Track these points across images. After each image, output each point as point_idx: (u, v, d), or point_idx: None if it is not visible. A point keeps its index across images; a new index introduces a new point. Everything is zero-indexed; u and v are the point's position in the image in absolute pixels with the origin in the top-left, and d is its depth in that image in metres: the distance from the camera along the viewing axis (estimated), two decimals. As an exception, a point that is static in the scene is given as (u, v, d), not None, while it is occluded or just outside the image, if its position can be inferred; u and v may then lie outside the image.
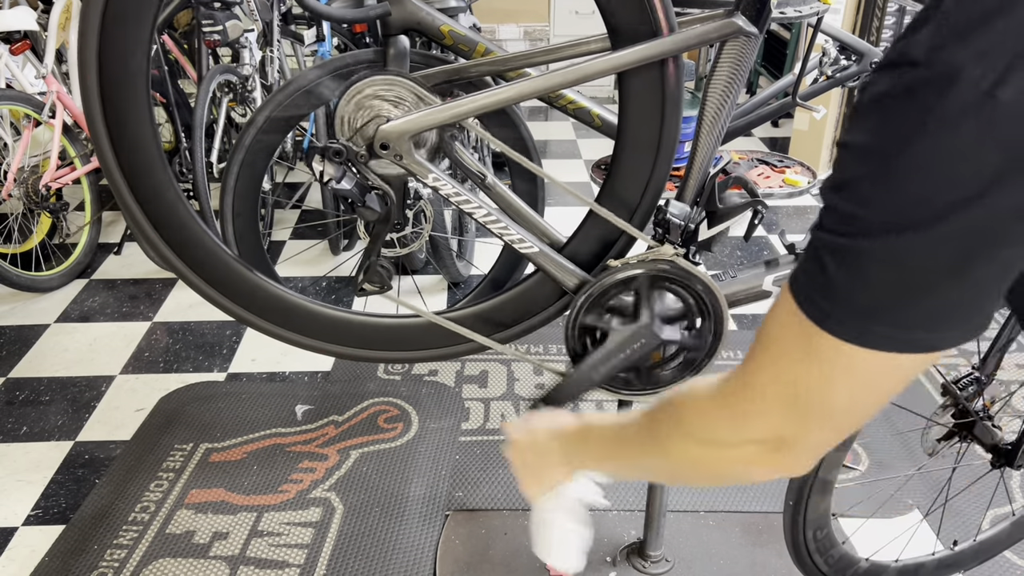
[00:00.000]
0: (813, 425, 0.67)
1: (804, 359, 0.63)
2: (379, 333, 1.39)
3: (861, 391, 0.63)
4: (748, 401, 0.69)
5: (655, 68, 1.15)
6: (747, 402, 0.70)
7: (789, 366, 0.65)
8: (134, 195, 1.23)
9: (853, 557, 1.62)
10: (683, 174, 1.27)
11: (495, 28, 4.99)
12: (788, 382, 0.66)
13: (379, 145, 1.16)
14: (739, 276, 1.33)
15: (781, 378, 0.66)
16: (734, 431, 0.71)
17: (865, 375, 0.61)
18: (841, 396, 0.64)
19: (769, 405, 0.67)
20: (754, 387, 0.69)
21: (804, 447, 0.69)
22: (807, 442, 0.68)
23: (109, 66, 1.12)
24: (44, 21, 2.97)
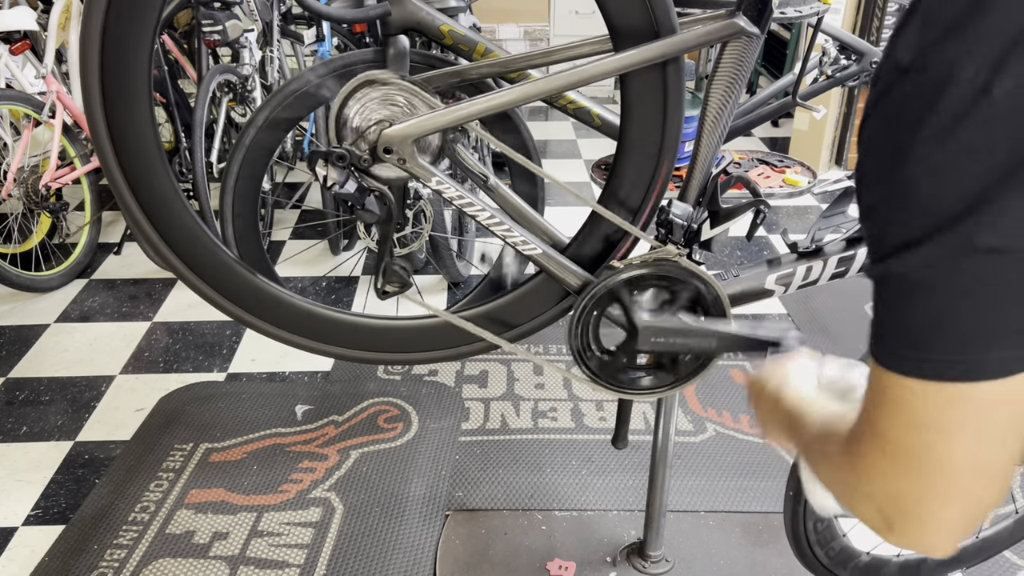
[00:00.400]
0: (916, 488, 0.58)
1: (881, 402, 0.58)
2: (380, 334, 1.39)
3: (945, 437, 0.55)
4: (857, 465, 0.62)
5: (657, 69, 1.15)
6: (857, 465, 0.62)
7: (873, 411, 0.59)
8: (134, 195, 1.23)
9: (854, 550, 1.61)
10: (685, 174, 1.27)
11: (495, 28, 4.99)
12: (877, 433, 0.59)
13: (382, 149, 1.15)
14: (741, 276, 1.33)
15: (872, 429, 0.60)
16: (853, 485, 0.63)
17: (938, 415, 0.55)
18: (930, 445, 0.56)
19: (875, 469, 0.60)
20: (861, 450, 0.62)
21: (922, 520, 0.59)
22: (923, 514, 0.58)
23: (110, 66, 1.12)
24: (44, 21, 2.97)
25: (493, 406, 2.36)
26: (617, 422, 1.49)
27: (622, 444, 1.50)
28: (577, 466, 2.13)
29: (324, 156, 1.14)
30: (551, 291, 1.34)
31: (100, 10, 1.08)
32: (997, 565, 1.81)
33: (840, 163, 3.95)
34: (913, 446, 0.56)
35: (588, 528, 1.93)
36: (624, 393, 1.33)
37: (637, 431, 2.25)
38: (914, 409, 0.55)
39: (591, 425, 2.28)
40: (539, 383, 2.45)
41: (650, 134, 1.19)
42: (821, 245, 1.32)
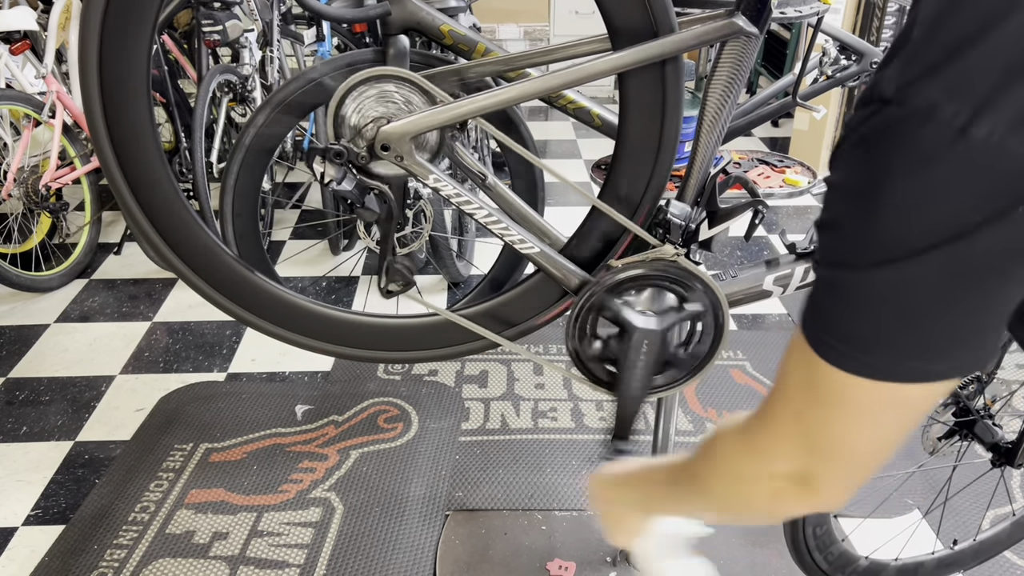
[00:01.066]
0: (831, 460, 0.67)
1: (811, 392, 0.65)
2: (380, 333, 1.39)
3: (869, 424, 0.64)
4: (767, 436, 0.71)
5: (655, 68, 1.15)
6: (766, 437, 0.71)
7: (799, 400, 0.67)
8: (134, 195, 1.23)
9: (852, 555, 1.62)
10: (684, 174, 1.27)
11: (495, 28, 4.99)
12: (799, 416, 0.67)
13: (380, 146, 1.15)
14: (740, 276, 1.33)
15: (793, 412, 0.68)
16: (757, 466, 0.72)
17: (870, 407, 0.62)
18: (850, 429, 0.64)
19: (785, 439, 0.69)
20: (770, 421, 0.71)
21: (829, 483, 0.69)
22: (830, 478, 0.69)
23: (109, 66, 1.12)
24: (44, 21, 2.97)
25: (493, 406, 2.36)
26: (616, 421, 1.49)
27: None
28: (577, 466, 2.13)
29: (322, 153, 1.14)
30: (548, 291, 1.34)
31: (98, 10, 1.08)
32: (997, 565, 1.81)
33: (840, 163, 3.94)
34: (836, 430, 0.64)
35: (588, 528, 1.93)
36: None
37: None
38: (844, 398, 0.62)
39: (591, 425, 2.28)
40: (539, 383, 2.45)
41: (649, 133, 1.19)
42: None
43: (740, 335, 2.70)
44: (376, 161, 1.18)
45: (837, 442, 0.65)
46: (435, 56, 1.56)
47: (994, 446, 1.50)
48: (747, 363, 2.52)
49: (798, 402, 0.67)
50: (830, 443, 0.66)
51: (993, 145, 0.48)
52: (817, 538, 1.54)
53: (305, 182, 3.95)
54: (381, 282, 1.29)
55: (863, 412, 0.62)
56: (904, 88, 0.52)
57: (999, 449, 1.50)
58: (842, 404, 0.63)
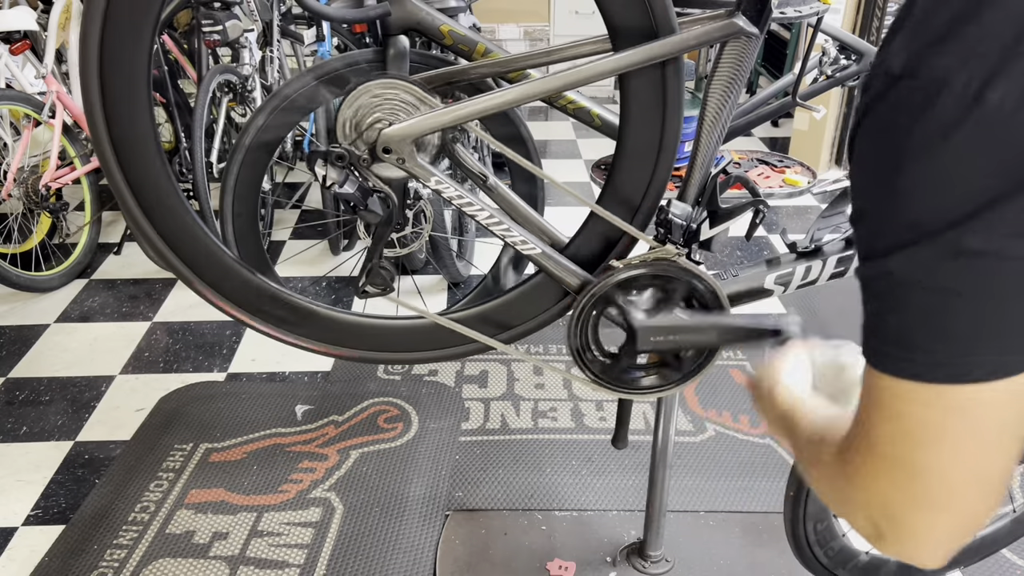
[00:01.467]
0: (907, 497, 0.56)
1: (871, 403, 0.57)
2: (381, 334, 1.39)
3: (936, 442, 0.54)
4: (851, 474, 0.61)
5: (656, 69, 1.15)
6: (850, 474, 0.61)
7: (864, 413, 0.59)
8: (133, 195, 1.23)
9: (853, 550, 1.62)
10: (684, 174, 1.27)
11: (495, 28, 4.99)
12: (876, 449, 0.58)
13: (381, 149, 1.15)
14: (741, 275, 1.33)
15: (863, 430, 0.59)
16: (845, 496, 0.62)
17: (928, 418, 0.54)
18: (934, 453, 0.54)
19: (866, 476, 0.59)
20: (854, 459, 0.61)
21: (915, 530, 0.57)
22: (916, 524, 0.57)
23: (110, 66, 1.12)
24: (44, 21, 2.97)
25: (493, 406, 2.36)
26: (617, 422, 1.49)
27: (622, 444, 1.50)
28: (577, 466, 2.13)
29: (323, 156, 1.14)
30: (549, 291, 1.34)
31: (99, 10, 1.08)
32: (997, 565, 1.81)
33: (840, 163, 3.95)
34: (901, 451, 0.55)
35: (588, 528, 1.93)
36: (624, 393, 1.33)
37: (637, 431, 2.25)
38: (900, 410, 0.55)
39: (591, 425, 2.28)
40: (539, 383, 2.45)
41: (649, 134, 1.19)
42: (820, 245, 1.32)
43: (740, 335, 2.70)
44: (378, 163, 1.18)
45: (914, 466, 0.55)
46: (435, 56, 1.56)
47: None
48: (747, 363, 2.52)
49: (865, 418, 0.58)
50: (906, 468, 0.55)
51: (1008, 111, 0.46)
52: (818, 534, 1.54)
53: (305, 182, 3.95)
54: (360, 281, 1.29)
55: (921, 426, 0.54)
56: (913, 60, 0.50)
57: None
58: (904, 418, 0.55)
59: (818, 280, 1.33)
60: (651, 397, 1.36)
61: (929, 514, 0.56)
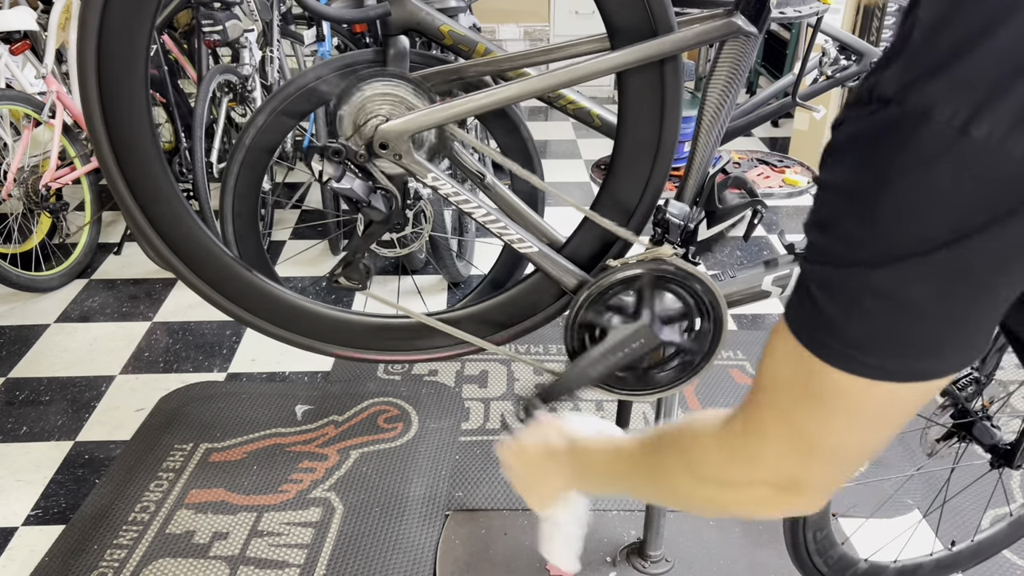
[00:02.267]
0: (820, 463, 0.66)
1: (804, 394, 0.63)
2: (380, 333, 1.39)
3: (864, 424, 0.63)
4: (753, 442, 0.69)
5: (654, 68, 1.15)
6: (752, 443, 0.69)
7: (790, 403, 0.65)
8: (133, 195, 1.23)
9: (852, 558, 1.62)
10: (682, 174, 1.27)
11: (495, 28, 5.00)
12: (790, 420, 0.65)
13: (378, 144, 1.15)
14: (738, 276, 1.33)
15: (783, 417, 0.66)
16: (741, 472, 0.70)
17: (866, 406, 0.61)
18: (844, 430, 0.63)
19: (774, 446, 0.67)
20: (758, 428, 0.68)
21: (814, 486, 0.68)
22: (817, 481, 0.68)
23: (109, 66, 1.12)
24: (44, 21, 2.97)
25: (493, 406, 2.36)
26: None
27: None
28: (576, 466, 2.13)
29: (320, 151, 1.14)
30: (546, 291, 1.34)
31: (96, 10, 1.08)
32: (997, 565, 1.81)
33: (840, 163, 3.94)
34: (824, 427, 0.63)
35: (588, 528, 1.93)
36: (623, 394, 1.33)
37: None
38: (830, 395, 0.61)
39: (591, 425, 2.28)
40: (539, 383, 2.45)
41: (647, 133, 1.19)
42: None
43: (740, 335, 2.70)
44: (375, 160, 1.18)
45: (830, 444, 0.64)
46: (435, 56, 1.56)
47: (992, 447, 1.50)
48: (747, 363, 2.52)
49: (786, 402, 0.65)
50: (827, 447, 0.64)
51: (992, 146, 0.48)
52: (817, 542, 1.54)
53: (305, 182, 3.95)
54: (337, 269, 1.29)
55: (858, 412, 0.61)
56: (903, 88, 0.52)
57: (997, 450, 1.50)
58: (836, 404, 0.61)
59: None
60: (651, 398, 1.36)
61: (831, 473, 0.67)
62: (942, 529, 1.84)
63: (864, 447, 0.65)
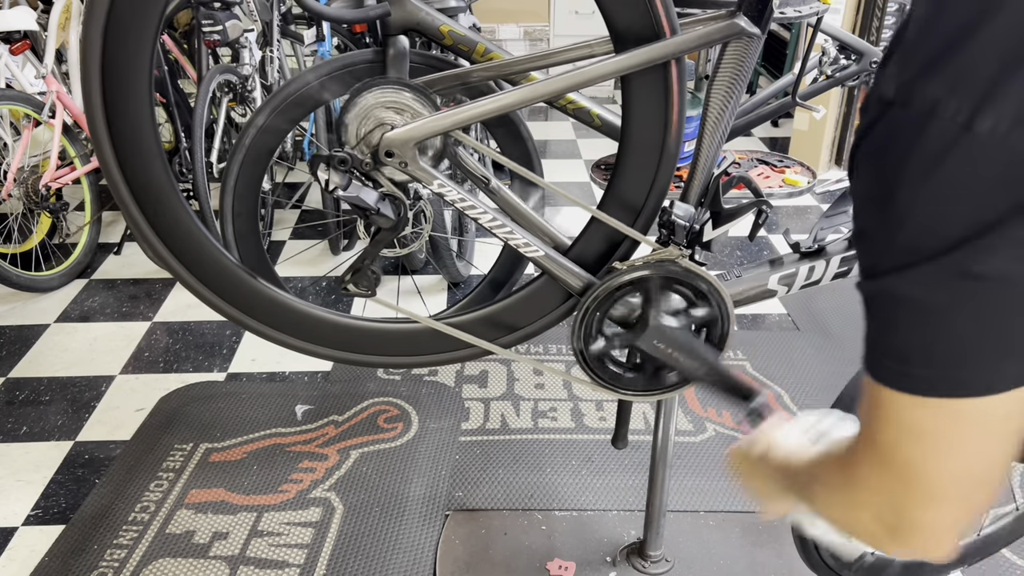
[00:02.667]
0: (919, 499, 0.61)
1: (873, 419, 0.61)
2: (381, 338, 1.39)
3: (945, 450, 0.58)
4: (856, 475, 0.65)
5: (658, 70, 1.15)
6: (856, 476, 0.65)
7: (868, 423, 0.62)
8: (133, 195, 1.23)
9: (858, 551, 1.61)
10: (687, 175, 1.27)
11: (495, 28, 4.99)
12: (877, 453, 0.62)
13: (384, 153, 1.15)
14: (744, 276, 1.33)
15: (873, 450, 0.62)
16: (851, 501, 0.67)
17: (936, 429, 0.57)
18: (925, 458, 0.58)
19: (871, 479, 0.63)
20: (857, 462, 0.65)
21: (920, 526, 0.62)
22: (921, 520, 0.61)
23: (111, 66, 1.12)
24: (44, 21, 2.96)
25: (493, 406, 2.36)
26: (617, 422, 1.49)
27: (622, 444, 1.50)
28: (577, 466, 2.13)
29: (326, 160, 1.14)
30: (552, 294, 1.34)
31: (102, 10, 1.08)
32: (997, 565, 1.81)
33: (840, 163, 3.95)
34: (905, 455, 0.59)
35: (588, 528, 1.93)
36: (625, 394, 1.33)
37: (637, 431, 2.25)
38: (902, 420, 0.58)
39: (591, 425, 2.28)
40: (539, 383, 2.45)
41: (651, 135, 1.19)
42: (823, 245, 1.32)
43: (740, 335, 2.70)
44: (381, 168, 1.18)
45: (921, 475, 0.59)
46: (435, 57, 1.56)
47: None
48: (747, 363, 2.52)
49: (867, 431, 0.62)
50: (914, 476, 0.59)
51: (998, 139, 0.47)
52: (823, 536, 1.53)
53: (305, 182, 3.95)
54: (346, 276, 1.28)
55: (934, 436, 0.57)
56: (904, 87, 0.51)
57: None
58: (907, 429, 0.58)
59: (821, 280, 1.33)
60: (652, 398, 1.36)
61: (933, 510, 0.60)
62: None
63: (965, 478, 0.59)
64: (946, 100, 0.48)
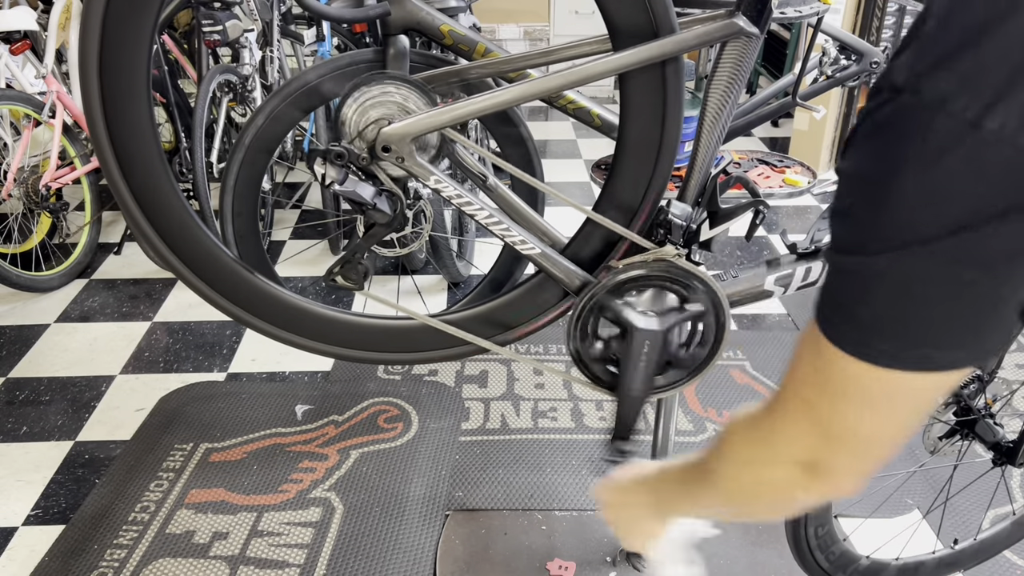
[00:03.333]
0: (840, 448, 0.67)
1: (821, 378, 0.65)
2: (380, 334, 1.39)
3: (876, 413, 0.64)
4: (777, 423, 0.71)
5: (656, 69, 1.15)
6: (776, 424, 0.71)
7: (809, 387, 0.67)
8: (133, 195, 1.23)
9: (853, 554, 1.62)
10: (684, 174, 1.27)
11: (495, 28, 4.99)
12: (809, 403, 0.67)
13: (381, 148, 1.15)
14: (740, 276, 1.33)
15: (802, 399, 0.68)
16: (767, 452, 0.73)
17: (879, 395, 0.62)
18: (859, 417, 0.64)
19: (795, 426, 0.69)
20: (781, 409, 0.71)
21: (838, 471, 0.69)
22: (840, 465, 0.69)
23: (110, 66, 1.12)
24: (44, 21, 2.97)
25: (493, 406, 2.36)
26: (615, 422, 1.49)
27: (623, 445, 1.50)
28: (577, 466, 2.13)
29: (323, 154, 1.14)
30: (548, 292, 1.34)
31: (99, 10, 1.08)
32: (997, 565, 1.81)
33: (840, 163, 3.95)
34: (839, 413, 0.65)
35: (588, 528, 1.93)
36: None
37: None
38: (846, 382, 0.63)
39: (591, 425, 2.28)
40: (539, 383, 2.45)
41: (649, 134, 1.19)
42: (820, 246, 1.32)
43: (740, 335, 2.70)
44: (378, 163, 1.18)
45: (847, 430, 0.65)
46: (435, 56, 1.56)
47: (995, 445, 1.50)
48: (747, 363, 2.52)
49: (808, 389, 0.67)
50: (840, 431, 0.66)
51: (1005, 139, 0.48)
52: (819, 538, 1.54)
53: (305, 182, 3.95)
54: (335, 268, 1.29)
55: (872, 400, 0.62)
56: (916, 78, 0.52)
57: (1000, 448, 1.50)
58: (851, 391, 0.63)
59: (818, 281, 1.33)
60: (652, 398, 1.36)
61: (850, 460, 0.68)
62: (944, 527, 1.84)
63: (885, 435, 0.66)
64: (957, 96, 0.49)
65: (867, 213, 0.57)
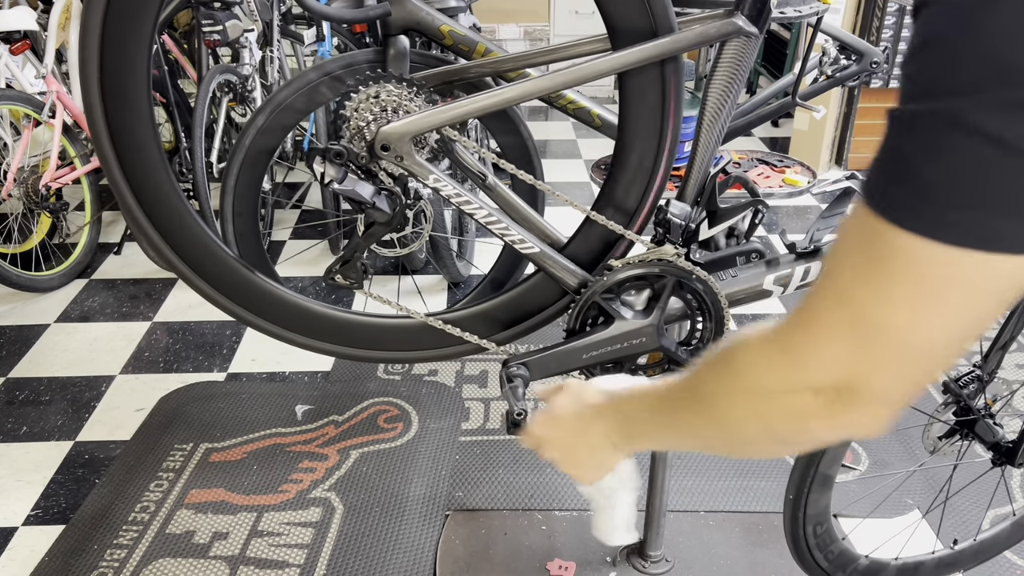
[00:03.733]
0: (883, 359, 0.54)
1: (867, 267, 0.52)
2: (380, 333, 1.39)
3: (939, 308, 0.51)
4: (805, 333, 0.57)
5: (655, 68, 1.15)
6: (803, 334, 0.57)
7: (850, 280, 0.54)
8: (134, 195, 1.23)
9: (852, 554, 1.62)
10: (683, 174, 1.27)
11: (495, 28, 4.99)
12: (848, 300, 0.53)
13: (380, 146, 1.15)
14: (740, 275, 1.33)
15: (841, 297, 0.54)
16: (787, 373, 0.58)
17: (942, 282, 0.50)
18: (912, 315, 0.51)
19: (827, 334, 0.55)
20: (809, 316, 0.57)
21: (874, 395, 0.55)
22: (877, 387, 0.55)
23: (110, 66, 1.12)
24: (44, 21, 2.97)
25: (493, 406, 2.36)
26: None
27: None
28: (577, 466, 2.13)
29: (322, 153, 1.14)
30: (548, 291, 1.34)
31: (99, 10, 1.08)
32: (997, 565, 1.81)
33: (840, 163, 3.95)
34: (885, 312, 0.52)
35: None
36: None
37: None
38: (901, 266, 0.51)
39: (591, 425, 2.27)
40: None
41: (648, 133, 1.19)
42: (820, 245, 1.32)
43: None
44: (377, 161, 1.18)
45: (898, 332, 0.52)
46: (435, 56, 1.56)
47: (995, 445, 1.50)
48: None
49: (845, 285, 0.54)
50: (889, 335, 0.52)
51: None
52: (818, 537, 1.54)
53: (305, 182, 3.95)
54: (334, 267, 1.28)
55: (930, 287, 0.50)
56: None
57: (1000, 448, 1.50)
58: (904, 276, 0.50)
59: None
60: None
61: (893, 373, 0.54)
62: (943, 527, 1.84)
63: (939, 339, 0.52)
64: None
65: (956, 47, 0.47)
